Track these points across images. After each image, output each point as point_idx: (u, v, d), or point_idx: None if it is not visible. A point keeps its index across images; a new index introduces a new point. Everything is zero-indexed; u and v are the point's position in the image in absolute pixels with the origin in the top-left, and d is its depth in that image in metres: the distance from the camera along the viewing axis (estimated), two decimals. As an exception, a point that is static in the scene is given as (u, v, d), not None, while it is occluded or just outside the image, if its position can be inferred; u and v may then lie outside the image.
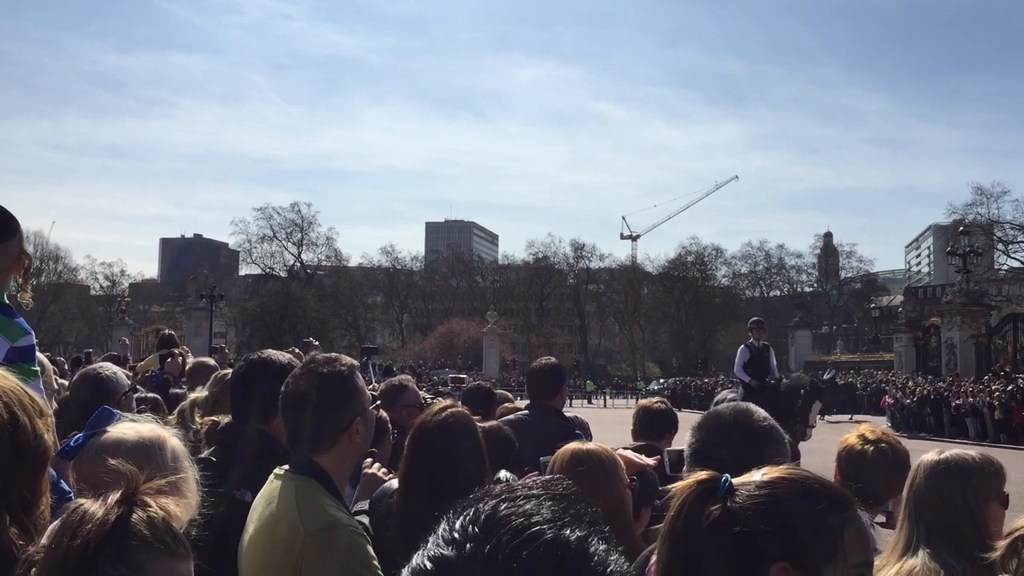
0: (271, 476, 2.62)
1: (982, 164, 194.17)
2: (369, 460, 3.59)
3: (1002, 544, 2.25)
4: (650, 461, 3.31)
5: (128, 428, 2.09)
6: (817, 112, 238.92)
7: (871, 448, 3.20)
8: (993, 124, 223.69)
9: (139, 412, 4.59)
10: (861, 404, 42.09)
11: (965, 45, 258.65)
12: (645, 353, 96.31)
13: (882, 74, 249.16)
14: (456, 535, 0.93)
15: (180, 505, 1.82)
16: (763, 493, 1.48)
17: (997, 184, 71.91)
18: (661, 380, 75.04)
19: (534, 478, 1.03)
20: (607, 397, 61.30)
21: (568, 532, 0.90)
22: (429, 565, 0.92)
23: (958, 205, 71.47)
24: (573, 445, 3.02)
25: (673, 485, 1.59)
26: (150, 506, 1.49)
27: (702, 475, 1.55)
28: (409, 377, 6.44)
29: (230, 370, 4.13)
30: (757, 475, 1.54)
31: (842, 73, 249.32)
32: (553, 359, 5.74)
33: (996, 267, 72.46)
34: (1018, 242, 70.63)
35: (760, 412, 2.26)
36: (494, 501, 0.95)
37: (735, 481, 1.53)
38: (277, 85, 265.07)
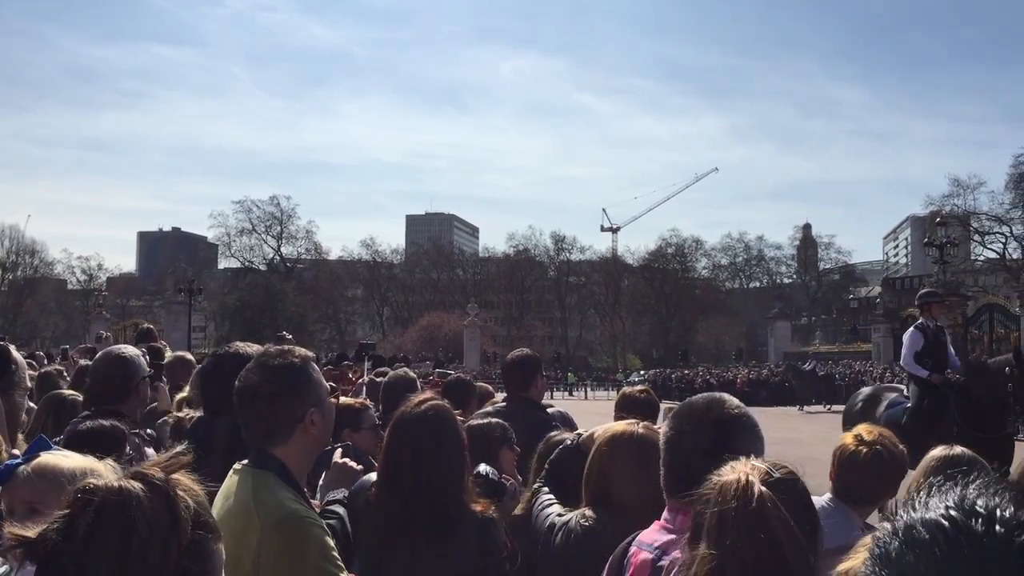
0: (230, 471, 2.60)
1: (960, 156, 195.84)
2: (339, 451, 3.58)
3: None
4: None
5: (64, 456, 2.08)
6: (798, 104, 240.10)
7: (864, 449, 3.23)
8: (971, 116, 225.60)
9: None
10: (840, 394, 42.44)
11: (945, 38, 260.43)
12: (626, 345, 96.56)
13: (863, 66, 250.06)
14: (980, 509, 0.93)
15: None
16: (789, 487, 1.52)
17: (973, 176, 72.84)
18: (642, 372, 75.29)
19: None
20: (588, 389, 61.36)
21: None
22: (947, 524, 0.92)
23: (935, 196, 72.52)
24: (622, 426, 3.01)
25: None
26: (195, 493, 1.47)
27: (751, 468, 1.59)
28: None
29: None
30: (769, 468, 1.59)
31: (823, 66, 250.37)
32: (526, 350, 5.71)
33: (972, 258, 73.29)
34: (994, 233, 71.60)
35: (733, 401, 2.25)
36: (999, 492, 0.95)
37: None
38: (258, 77, 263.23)
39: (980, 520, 0.91)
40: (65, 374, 7.55)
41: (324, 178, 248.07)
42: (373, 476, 3.25)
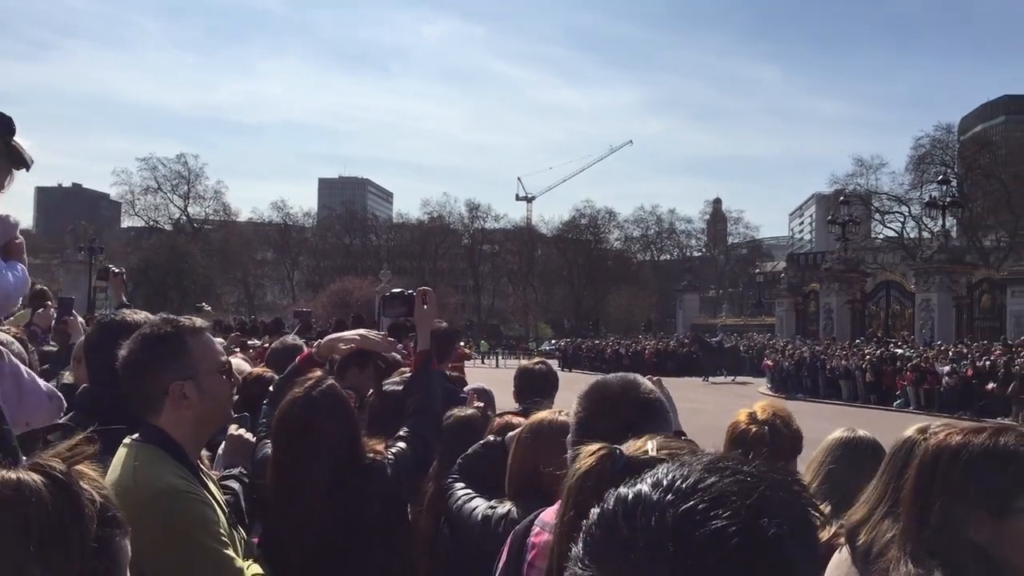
0: (120, 445, 2.49)
1: (865, 136, 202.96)
2: (235, 424, 3.48)
3: None
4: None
5: None
6: (713, 80, 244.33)
7: (755, 428, 3.22)
8: (876, 98, 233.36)
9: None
10: (744, 366, 43.64)
11: (853, 20, 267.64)
12: (538, 314, 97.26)
13: (776, 45, 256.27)
14: (664, 481, 0.94)
15: None
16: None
17: (876, 156, 75.61)
18: (553, 340, 75.96)
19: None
20: (499, 357, 61.68)
21: (765, 524, 0.89)
22: (631, 495, 0.94)
23: (840, 175, 74.77)
24: (545, 414, 2.99)
25: (577, 460, 1.53)
26: (101, 486, 1.35)
27: (600, 448, 1.49)
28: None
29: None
30: (650, 448, 1.49)
31: (739, 43, 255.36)
32: (442, 323, 5.62)
33: (872, 236, 75.93)
34: (893, 212, 74.19)
35: (647, 384, 2.20)
36: (706, 465, 0.95)
37: (628, 452, 1.48)
38: (170, 31, 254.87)
39: (640, 508, 0.92)
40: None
41: (234, 138, 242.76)
42: (268, 449, 3.18)
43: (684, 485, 0.92)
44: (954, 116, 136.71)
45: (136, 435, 2.49)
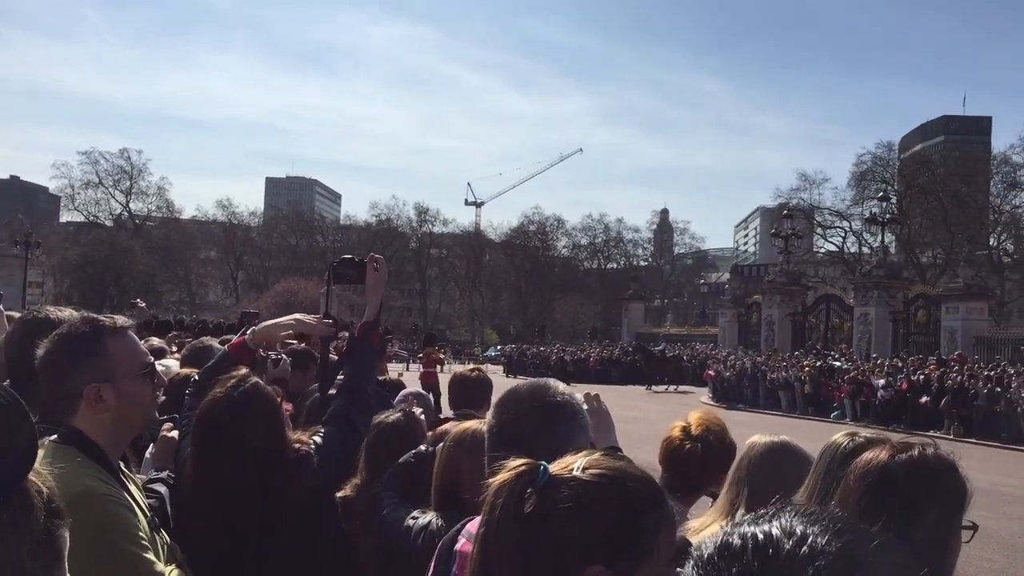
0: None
1: (808, 152, 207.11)
2: (168, 425, 3.39)
3: None
4: None
5: None
6: (664, 92, 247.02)
7: (688, 444, 3.27)
8: (821, 115, 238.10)
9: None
10: (687, 376, 44.05)
11: (800, 40, 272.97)
12: (484, 319, 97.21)
13: (727, 61, 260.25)
14: (796, 531, 0.95)
15: None
16: (583, 491, 1.40)
17: (819, 172, 77.12)
18: (499, 346, 75.94)
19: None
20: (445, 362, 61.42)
21: None
22: (760, 535, 0.96)
23: (784, 189, 76.10)
24: (469, 424, 2.96)
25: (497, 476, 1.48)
26: (45, 477, 1.31)
27: (521, 464, 1.46)
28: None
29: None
30: (577, 466, 1.45)
31: (690, 57, 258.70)
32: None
33: (815, 250, 77.37)
34: (834, 227, 75.67)
35: (559, 386, 2.14)
36: (836, 524, 0.97)
37: (552, 470, 1.44)
38: (112, 21, 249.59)
39: (771, 551, 0.93)
40: None
41: (180, 133, 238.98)
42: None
43: (818, 542, 0.93)
44: (895, 135, 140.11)
45: (54, 436, 2.40)
